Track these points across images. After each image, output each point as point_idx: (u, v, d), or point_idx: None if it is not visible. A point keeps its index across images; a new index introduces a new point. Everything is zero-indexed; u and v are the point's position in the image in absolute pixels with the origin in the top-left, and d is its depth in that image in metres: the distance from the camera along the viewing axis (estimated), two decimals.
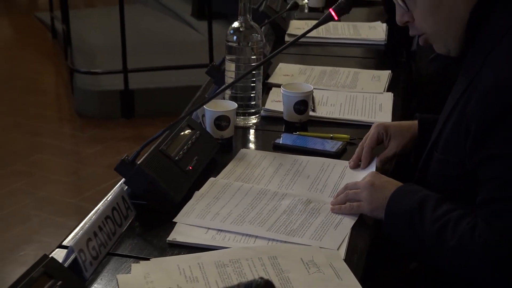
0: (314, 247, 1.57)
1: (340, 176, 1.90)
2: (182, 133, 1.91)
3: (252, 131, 2.20)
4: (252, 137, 2.19)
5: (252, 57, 2.16)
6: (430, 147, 1.72)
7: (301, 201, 1.76)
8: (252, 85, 2.18)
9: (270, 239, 1.61)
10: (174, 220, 1.67)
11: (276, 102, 2.31)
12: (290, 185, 1.86)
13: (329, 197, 1.79)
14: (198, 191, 1.79)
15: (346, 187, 1.76)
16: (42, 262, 1.33)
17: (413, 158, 1.94)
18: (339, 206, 1.72)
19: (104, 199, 1.72)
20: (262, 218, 1.69)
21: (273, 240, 1.61)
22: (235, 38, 2.15)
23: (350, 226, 1.67)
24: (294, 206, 1.74)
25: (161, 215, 1.69)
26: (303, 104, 2.18)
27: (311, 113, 2.23)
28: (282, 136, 2.12)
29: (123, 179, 1.73)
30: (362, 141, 1.97)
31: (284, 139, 2.10)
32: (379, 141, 1.96)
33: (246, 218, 1.68)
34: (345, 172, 1.92)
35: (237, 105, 2.10)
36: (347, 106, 2.34)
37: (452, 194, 1.61)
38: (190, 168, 1.84)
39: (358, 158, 1.94)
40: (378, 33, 3.04)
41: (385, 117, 2.24)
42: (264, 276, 1.42)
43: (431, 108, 1.98)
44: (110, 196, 1.69)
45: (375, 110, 2.31)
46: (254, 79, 2.18)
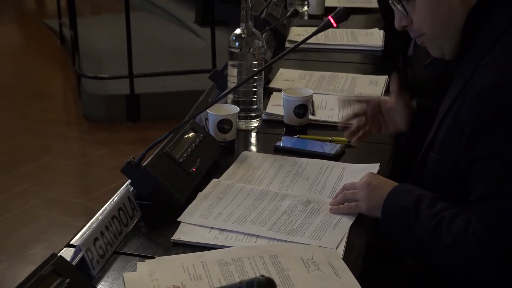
0: (313, 246, 1.57)
1: (338, 177, 1.90)
2: (186, 136, 1.92)
3: (253, 134, 2.20)
4: (253, 140, 2.19)
5: (253, 62, 2.16)
6: (425, 148, 1.73)
7: (301, 201, 1.76)
8: (253, 89, 2.19)
9: (271, 239, 1.61)
10: (178, 220, 1.67)
11: (277, 106, 2.31)
12: (290, 186, 1.86)
13: (328, 197, 1.80)
14: (202, 192, 1.80)
15: (344, 188, 1.76)
16: (51, 261, 1.33)
17: (406, 139, 1.97)
18: (338, 206, 1.72)
19: (110, 200, 1.72)
20: (263, 218, 1.69)
21: (274, 239, 1.61)
22: (237, 44, 2.15)
23: (348, 226, 1.67)
24: (294, 207, 1.74)
25: (165, 215, 1.69)
26: (303, 108, 2.18)
27: (311, 116, 2.24)
28: (282, 139, 2.12)
29: (129, 181, 1.73)
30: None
31: (284, 142, 2.10)
32: (375, 109, 2.01)
33: (247, 218, 1.68)
34: (343, 173, 1.92)
35: (239, 109, 2.10)
36: (346, 110, 2.33)
37: (447, 193, 1.61)
38: (194, 169, 1.84)
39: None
40: (375, 39, 3.04)
41: None
42: (265, 274, 1.42)
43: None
44: (117, 196, 1.69)
45: None
46: (255, 84, 2.18)
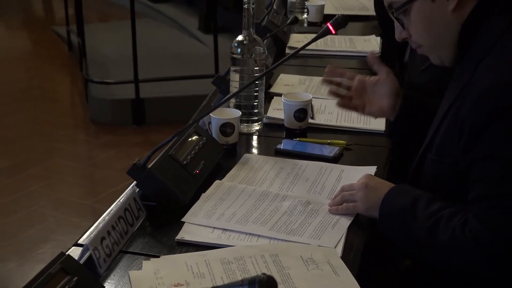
0: (313, 246, 1.58)
1: (337, 179, 1.90)
2: (190, 139, 1.92)
3: (255, 137, 2.20)
4: (255, 142, 2.19)
5: (255, 68, 2.16)
6: (423, 150, 1.72)
7: (300, 202, 1.76)
8: (255, 94, 2.19)
9: (272, 238, 1.61)
10: (182, 220, 1.68)
11: (277, 110, 2.31)
12: (290, 187, 1.86)
13: (326, 198, 1.79)
14: (205, 193, 1.80)
15: (343, 189, 1.75)
16: (59, 259, 1.33)
17: (391, 128, 2.00)
18: (336, 207, 1.72)
19: (116, 201, 1.72)
20: (264, 218, 1.69)
21: (274, 239, 1.61)
22: (239, 50, 2.15)
23: (347, 226, 1.67)
24: (294, 207, 1.74)
25: (170, 216, 1.69)
26: (303, 112, 2.18)
27: (310, 120, 2.24)
28: (283, 142, 2.12)
29: (135, 182, 1.73)
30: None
31: (285, 145, 2.10)
32: (361, 84, 2.01)
33: (249, 218, 1.68)
34: (341, 175, 1.92)
35: (241, 113, 2.10)
36: (344, 114, 2.33)
37: (445, 194, 1.60)
38: (197, 171, 1.84)
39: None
40: (373, 46, 3.04)
41: (379, 124, 2.24)
42: (266, 272, 1.42)
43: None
44: (123, 197, 1.69)
45: (370, 118, 2.30)
46: (257, 89, 2.18)
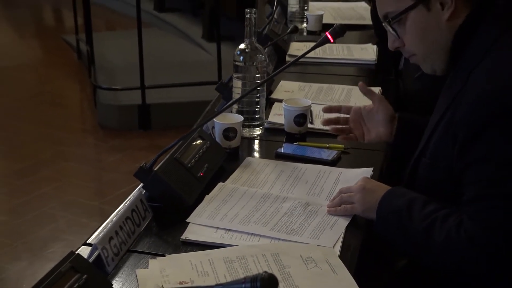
0: (312, 245, 1.58)
1: (335, 181, 1.90)
2: (194, 143, 1.92)
3: (256, 141, 2.20)
4: (256, 146, 2.19)
5: (256, 75, 2.16)
6: (418, 154, 1.72)
7: (300, 204, 1.76)
8: (256, 100, 2.19)
9: (272, 238, 1.62)
10: (187, 220, 1.68)
11: (278, 116, 2.31)
12: (290, 189, 1.86)
13: (325, 200, 1.79)
14: (208, 195, 1.80)
15: (341, 191, 1.75)
16: (69, 258, 1.34)
17: (391, 149, 1.97)
18: (335, 208, 1.72)
19: (124, 202, 1.72)
20: (265, 219, 1.69)
21: (275, 238, 1.61)
22: (242, 58, 2.15)
23: (345, 226, 1.67)
24: (294, 208, 1.74)
25: (175, 216, 1.70)
26: (302, 117, 2.18)
27: (310, 125, 2.23)
28: (283, 145, 2.12)
29: (141, 184, 1.73)
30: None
31: (285, 149, 2.10)
32: (356, 114, 2.01)
33: (251, 219, 1.68)
34: (339, 178, 1.92)
35: (243, 118, 2.10)
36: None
37: (439, 197, 1.60)
38: (201, 174, 1.84)
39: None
40: (369, 54, 3.04)
41: None
42: (267, 271, 1.42)
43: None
44: (130, 199, 1.69)
45: None
46: (258, 95, 2.19)
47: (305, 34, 3.38)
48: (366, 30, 3.39)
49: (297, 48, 3.11)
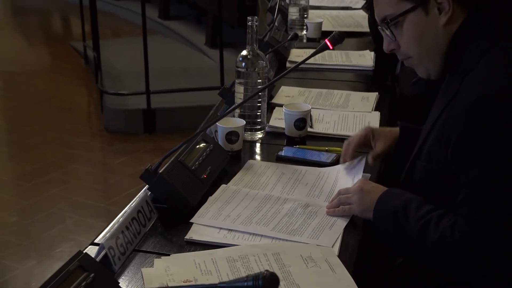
0: (312, 245, 1.58)
1: (333, 183, 1.90)
2: (198, 146, 1.92)
3: (258, 145, 2.21)
4: (258, 149, 2.19)
5: (258, 80, 2.16)
6: (413, 157, 1.72)
7: (300, 205, 1.76)
8: (258, 105, 2.19)
9: (273, 238, 1.62)
10: (191, 221, 1.68)
11: (279, 120, 2.31)
12: (291, 191, 1.86)
13: (324, 201, 1.79)
14: (212, 196, 1.80)
15: (339, 193, 1.76)
16: (77, 257, 1.33)
17: (393, 159, 1.94)
18: (333, 209, 1.72)
19: (130, 203, 1.71)
20: (267, 219, 1.69)
21: (276, 238, 1.61)
22: (244, 64, 2.15)
23: (343, 227, 1.67)
24: (295, 209, 1.74)
25: (179, 217, 1.70)
26: (302, 121, 2.18)
27: (309, 129, 2.24)
28: (284, 149, 2.12)
29: (147, 186, 1.73)
30: (349, 139, 1.95)
31: (285, 152, 2.10)
32: (366, 140, 1.95)
33: (253, 220, 1.69)
34: (338, 180, 1.92)
35: (245, 122, 2.11)
36: (340, 123, 2.34)
37: (433, 197, 1.60)
38: (205, 176, 1.84)
39: (345, 154, 1.94)
40: (367, 60, 3.05)
41: None
42: (269, 269, 1.42)
43: (413, 123, 1.98)
44: (135, 200, 1.69)
45: (363, 127, 2.30)
46: (260, 100, 2.19)
47: (305, 41, 3.39)
48: (364, 37, 3.40)
49: (297, 54, 3.12)
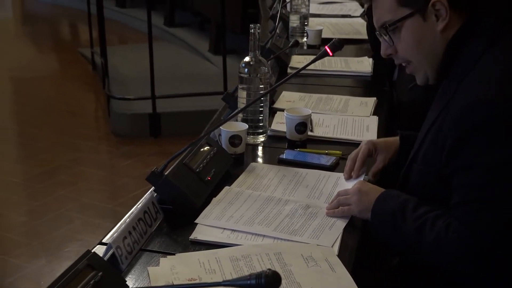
0: (312, 245, 1.58)
1: (333, 185, 1.90)
2: (202, 149, 1.92)
3: (260, 148, 2.21)
4: (260, 153, 2.20)
5: (260, 86, 2.16)
6: (410, 160, 1.73)
7: (301, 206, 1.76)
8: (260, 109, 2.19)
9: (275, 238, 1.62)
10: (195, 221, 1.68)
11: (280, 124, 2.32)
12: (292, 193, 1.86)
13: (324, 203, 1.80)
14: (215, 198, 1.80)
15: (338, 194, 1.76)
16: (86, 256, 1.34)
17: (394, 167, 1.94)
18: (333, 210, 1.73)
19: (136, 204, 1.72)
20: (268, 220, 1.69)
21: (278, 238, 1.62)
22: (246, 70, 2.16)
23: (343, 227, 1.67)
24: (296, 210, 1.74)
25: (184, 218, 1.70)
26: (303, 125, 2.19)
27: (310, 133, 2.24)
28: (285, 152, 2.12)
29: (153, 187, 1.73)
30: (353, 155, 1.92)
31: (287, 155, 2.11)
32: (369, 155, 1.94)
33: (255, 220, 1.69)
34: (337, 182, 1.92)
35: (248, 126, 2.11)
36: (340, 127, 2.34)
37: (428, 199, 1.60)
38: (209, 178, 1.84)
39: (351, 171, 1.90)
40: (365, 66, 3.05)
41: (371, 136, 2.24)
42: (271, 268, 1.42)
43: (410, 128, 1.98)
44: (142, 201, 1.69)
45: (363, 131, 2.31)
46: (262, 105, 2.19)
47: (305, 48, 3.39)
48: (362, 44, 3.40)
49: (298, 61, 3.12)
